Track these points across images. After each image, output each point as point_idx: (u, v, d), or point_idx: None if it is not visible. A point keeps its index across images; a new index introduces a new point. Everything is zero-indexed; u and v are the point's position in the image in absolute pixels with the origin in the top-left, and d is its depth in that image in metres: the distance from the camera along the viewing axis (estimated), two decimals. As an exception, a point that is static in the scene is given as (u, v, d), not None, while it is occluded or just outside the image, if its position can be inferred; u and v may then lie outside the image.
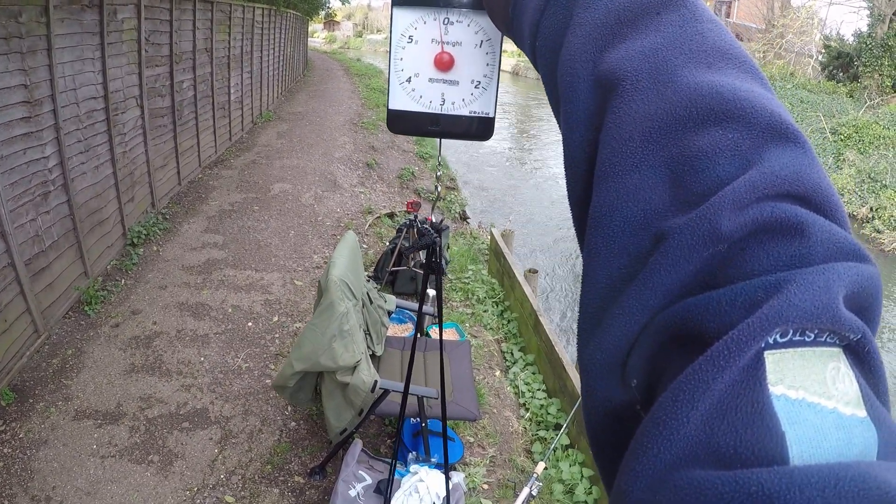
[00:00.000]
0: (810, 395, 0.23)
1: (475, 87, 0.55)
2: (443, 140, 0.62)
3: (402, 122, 0.57)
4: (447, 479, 1.66)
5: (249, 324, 4.26)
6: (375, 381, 2.54)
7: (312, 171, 7.95)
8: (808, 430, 0.23)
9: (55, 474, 2.87)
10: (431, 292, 4.18)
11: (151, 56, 5.47)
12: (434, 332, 4.05)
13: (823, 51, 19.88)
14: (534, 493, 2.32)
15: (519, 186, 11.54)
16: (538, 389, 4.07)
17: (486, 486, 3.16)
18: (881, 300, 0.27)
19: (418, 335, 3.80)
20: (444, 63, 0.54)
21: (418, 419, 2.87)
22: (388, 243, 5.24)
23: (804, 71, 19.77)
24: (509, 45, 0.54)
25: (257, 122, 10.52)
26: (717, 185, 0.28)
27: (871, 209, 11.18)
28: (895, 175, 11.69)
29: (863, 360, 0.25)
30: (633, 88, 0.32)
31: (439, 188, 0.73)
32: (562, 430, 2.62)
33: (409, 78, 0.55)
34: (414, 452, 2.91)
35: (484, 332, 4.68)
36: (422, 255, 4.53)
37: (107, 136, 4.60)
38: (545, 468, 2.99)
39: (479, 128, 0.56)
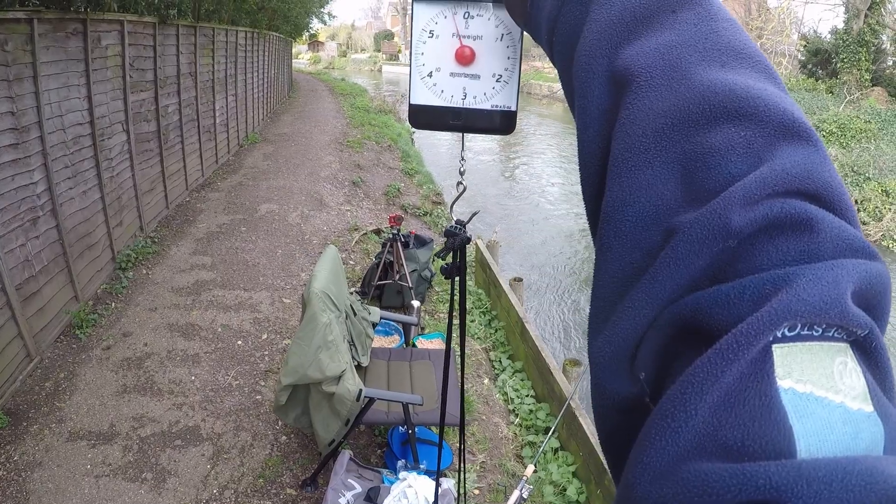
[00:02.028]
0: (818, 389, 0.23)
1: (496, 80, 0.55)
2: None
3: (424, 117, 0.57)
4: (437, 485, 1.73)
5: (239, 342, 4.31)
6: (360, 390, 2.60)
7: (299, 191, 8.03)
8: (816, 423, 0.22)
9: (50, 495, 2.91)
10: (416, 303, 4.26)
11: (136, 81, 5.55)
12: (420, 343, 4.12)
13: (802, 49, 20.25)
14: (524, 495, 2.37)
15: (504, 195, 11.66)
16: (527, 395, 4.14)
17: (476, 492, 3.22)
18: (890, 298, 0.27)
19: (405, 345, 3.88)
20: (465, 57, 0.54)
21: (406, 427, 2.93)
22: (374, 258, 5.31)
23: (781, 70, 20.18)
24: None
25: (243, 145, 10.59)
26: (729, 181, 0.28)
27: (856, 201, 11.43)
28: (878, 167, 11.97)
29: (870, 355, 0.25)
30: (647, 85, 0.32)
31: (463, 183, 0.75)
32: (549, 434, 2.68)
33: (431, 72, 0.55)
34: (403, 460, 2.97)
35: (472, 341, 4.74)
36: (407, 266, 4.60)
37: (94, 161, 4.67)
38: (535, 471, 3.05)
39: (502, 122, 0.56)
